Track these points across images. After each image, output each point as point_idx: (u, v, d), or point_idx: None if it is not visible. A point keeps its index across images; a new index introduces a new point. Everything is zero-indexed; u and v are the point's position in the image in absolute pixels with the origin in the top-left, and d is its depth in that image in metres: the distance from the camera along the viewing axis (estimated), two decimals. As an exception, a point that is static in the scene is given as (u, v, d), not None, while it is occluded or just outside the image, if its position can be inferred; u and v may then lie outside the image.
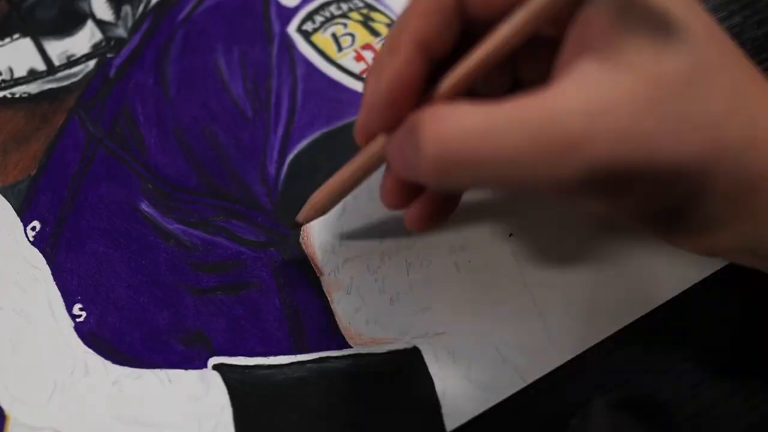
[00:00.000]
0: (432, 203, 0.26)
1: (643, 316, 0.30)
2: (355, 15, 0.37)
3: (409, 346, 0.30)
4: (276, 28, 0.36)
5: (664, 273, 0.30)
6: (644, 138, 0.20)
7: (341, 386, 0.29)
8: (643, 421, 0.28)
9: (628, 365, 0.29)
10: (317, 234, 0.32)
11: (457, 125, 0.20)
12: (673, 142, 0.20)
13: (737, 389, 0.29)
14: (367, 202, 0.33)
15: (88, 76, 0.36)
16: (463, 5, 0.22)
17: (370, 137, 0.25)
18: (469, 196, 0.32)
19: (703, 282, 0.30)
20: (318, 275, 0.32)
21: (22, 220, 0.33)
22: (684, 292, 0.30)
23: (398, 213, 0.32)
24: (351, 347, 0.30)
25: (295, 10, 0.37)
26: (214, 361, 0.30)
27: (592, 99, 0.20)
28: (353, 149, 0.33)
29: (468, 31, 0.23)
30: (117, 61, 0.37)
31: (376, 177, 0.27)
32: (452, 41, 0.23)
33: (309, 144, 0.34)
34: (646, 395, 0.29)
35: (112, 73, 0.36)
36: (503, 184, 0.21)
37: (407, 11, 0.23)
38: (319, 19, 0.37)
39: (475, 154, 0.20)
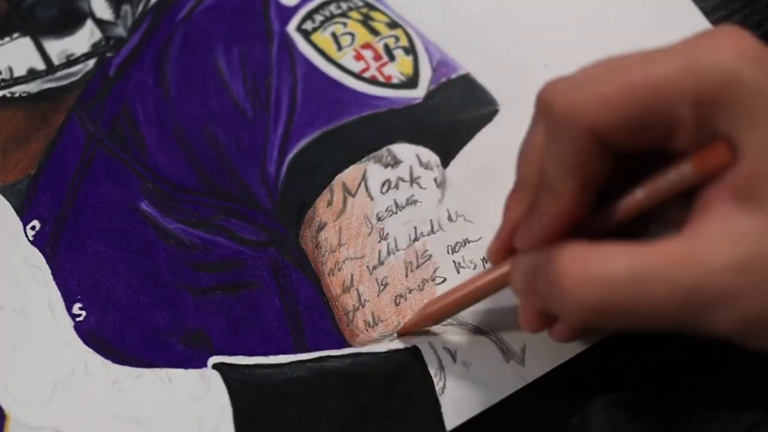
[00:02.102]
0: None
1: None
2: (354, 14, 0.37)
3: (409, 345, 0.30)
4: (276, 27, 0.36)
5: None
6: None
7: (341, 386, 0.29)
8: (643, 421, 0.28)
9: (628, 365, 0.29)
10: (317, 234, 0.32)
11: (602, 270, 0.20)
12: None
13: (737, 389, 0.29)
14: (367, 201, 0.33)
15: (88, 76, 0.36)
16: (606, 142, 0.20)
17: (502, 258, 0.25)
18: (469, 196, 0.32)
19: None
20: (318, 275, 0.32)
21: (21, 220, 0.33)
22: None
23: (398, 215, 0.32)
24: (351, 347, 0.30)
25: (295, 9, 0.37)
26: (214, 360, 0.30)
27: (741, 252, 0.19)
28: (353, 148, 0.34)
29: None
30: (117, 61, 0.36)
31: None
32: (609, 171, 0.21)
33: (309, 143, 0.34)
34: (646, 395, 0.29)
35: (111, 72, 0.36)
36: (647, 329, 0.21)
37: (552, 146, 0.21)
38: (318, 18, 0.36)
39: (621, 302, 0.20)
